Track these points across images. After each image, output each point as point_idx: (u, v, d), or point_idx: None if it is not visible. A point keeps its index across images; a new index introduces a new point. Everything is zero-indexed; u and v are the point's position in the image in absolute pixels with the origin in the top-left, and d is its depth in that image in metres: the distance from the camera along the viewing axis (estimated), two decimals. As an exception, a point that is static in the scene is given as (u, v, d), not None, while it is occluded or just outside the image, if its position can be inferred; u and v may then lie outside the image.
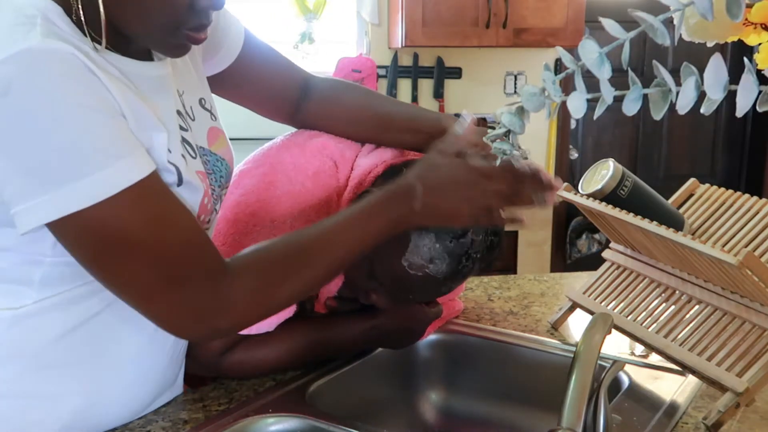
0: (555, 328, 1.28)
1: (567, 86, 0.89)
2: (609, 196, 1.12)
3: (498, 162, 0.97)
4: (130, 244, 0.76)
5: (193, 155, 0.90)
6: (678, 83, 0.88)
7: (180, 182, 0.84)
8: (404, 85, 3.46)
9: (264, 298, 0.85)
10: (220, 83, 1.06)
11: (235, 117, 1.28)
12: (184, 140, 0.89)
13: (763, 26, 0.84)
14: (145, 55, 0.86)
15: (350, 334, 1.12)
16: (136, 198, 0.75)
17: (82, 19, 0.76)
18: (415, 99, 3.46)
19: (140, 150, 0.77)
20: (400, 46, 3.16)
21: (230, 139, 1.04)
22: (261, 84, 1.11)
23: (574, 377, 0.76)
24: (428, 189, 0.89)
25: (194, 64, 0.98)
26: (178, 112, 0.89)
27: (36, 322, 0.85)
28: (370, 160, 1.08)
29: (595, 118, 0.92)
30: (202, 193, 0.88)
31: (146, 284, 0.78)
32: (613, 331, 1.15)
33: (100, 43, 0.78)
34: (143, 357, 0.93)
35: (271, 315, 0.95)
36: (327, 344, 1.11)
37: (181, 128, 0.89)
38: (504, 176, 0.90)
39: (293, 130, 1.16)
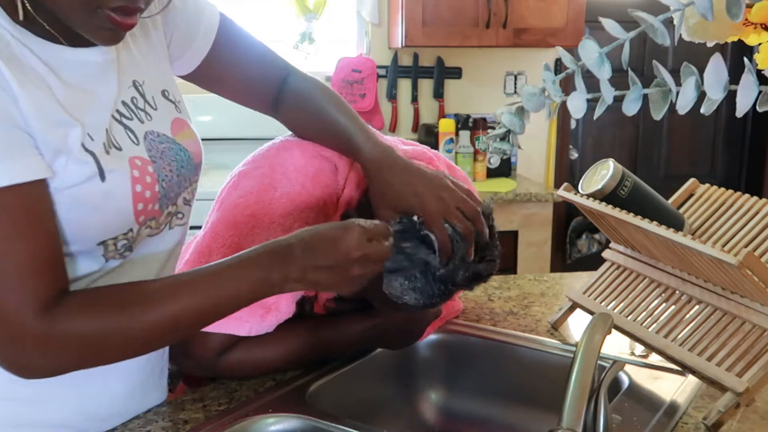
0: (555, 328, 1.28)
1: (567, 86, 0.89)
2: (609, 196, 1.13)
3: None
4: None
5: (135, 142, 0.88)
6: (678, 83, 0.88)
7: (102, 174, 0.82)
8: (404, 85, 3.46)
9: (91, 346, 0.79)
10: (200, 75, 1.05)
11: (234, 117, 1.29)
12: (126, 128, 0.87)
13: (763, 26, 0.84)
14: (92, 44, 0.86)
15: (349, 335, 1.12)
16: None
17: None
18: (415, 99, 3.46)
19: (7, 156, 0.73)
20: (400, 46, 3.16)
21: (230, 139, 1.04)
22: (239, 74, 1.09)
23: (574, 377, 0.76)
24: (305, 258, 0.82)
25: (157, 56, 0.97)
26: (124, 102, 0.88)
27: None
28: None
29: (595, 118, 0.92)
30: (129, 180, 0.85)
31: None
32: (613, 331, 1.15)
33: (35, 32, 0.78)
34: None
35: (99, 363, 0.84)
36: (326, 345, 1.11)
37: (122, 116, 0.88)
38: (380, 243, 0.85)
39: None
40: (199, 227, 1.09)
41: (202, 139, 1.03)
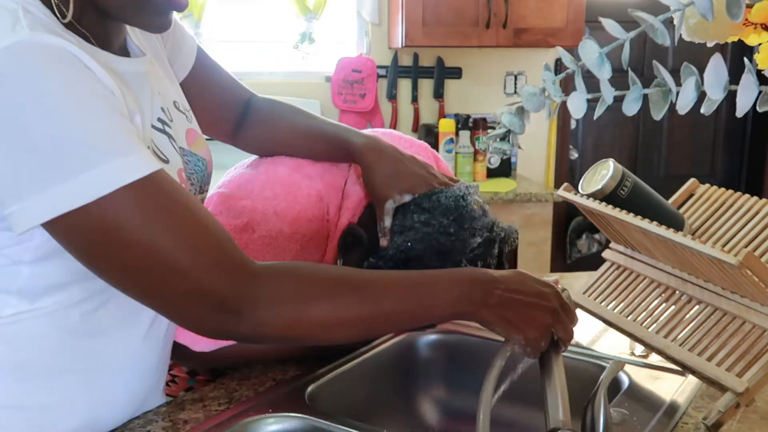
0: (555, 328, 1.28)
1: (567, 86, 0.89)
2: (609, 196, 1.12)
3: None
4: (126, 243, 0.72)
5: (179, 153, 0.91)
6: (678, 83, 0.88)
7: None
8: (404, 85, 3.46)
9: (293, 311, 0.78)
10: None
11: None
12: (170, 138, 0.89)
13: (763, 26, 0.84)
14: (124, 54, 0.88)
15: None
16: (135, 196, 0.71)
17: (56, 5, 0.76)
18: (415, 99, 3.46)
19: (140, 147, 0.74)
20: (400, 46, 3.16)
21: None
22: (207, 102, 1.12)
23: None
24: (507, 289, 0.85)
25: (165, 69, 0.99)
26: (163, 109, 0.90)
27: (19, 333, 0.83)
28: (360, 186, 1.10)
29: (595, 118, 0.92)
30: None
31: (146, 280, 0.74)
32: (613, 331, 1.15)
33: (84, 37, 0.78)
34: (135, 359, 0.93)
35: (292, 338, 0.83)
36: None
37: (164, 124, 0.89)
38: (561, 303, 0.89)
39: None
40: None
41: (203, 139, 1.03)
